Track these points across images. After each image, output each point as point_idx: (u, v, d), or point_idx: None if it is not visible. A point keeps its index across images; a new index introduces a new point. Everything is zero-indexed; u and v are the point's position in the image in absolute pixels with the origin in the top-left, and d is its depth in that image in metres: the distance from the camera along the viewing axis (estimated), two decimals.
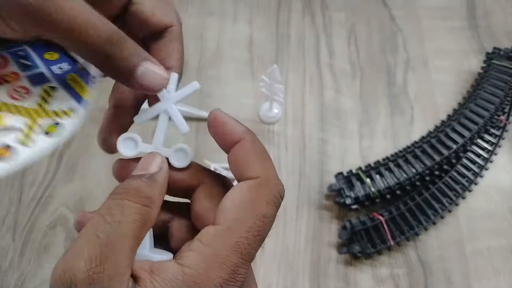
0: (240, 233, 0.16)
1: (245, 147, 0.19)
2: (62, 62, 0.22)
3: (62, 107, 0.21)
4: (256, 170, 0.18)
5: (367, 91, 0.56)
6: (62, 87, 0.22)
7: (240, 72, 0.57)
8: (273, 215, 0.18)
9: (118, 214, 0.16)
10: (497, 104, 0.50)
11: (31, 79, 0.22)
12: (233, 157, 0.19)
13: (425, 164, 0.47)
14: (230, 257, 0.16)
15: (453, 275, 0.46)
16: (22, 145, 0.19)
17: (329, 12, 0.61)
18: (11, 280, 0.45)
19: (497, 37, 0.59)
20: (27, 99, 0.21)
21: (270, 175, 0.18)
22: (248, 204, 0.17)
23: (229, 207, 0.17)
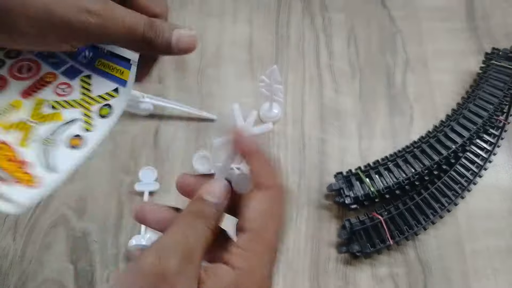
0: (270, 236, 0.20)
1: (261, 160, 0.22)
2: (83, 51, 0.24)
3: (105, 91, 0.24)
4: (269, 180, 0.21)
5: (367, 92, 0.56)
6: (95, 73, 0.24)
7: (240, 73, 0.57)
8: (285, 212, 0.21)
9: (200, 228, 0.20)
10: (496, 104, 0.50)
11: (66, 74, 0.24)
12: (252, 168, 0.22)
13: (424, 164, 0.47)
14: (265, 255, 0.20)
15: (452, 275, 0.46)
16: (87, 131, 0.22)
17: (328, 13, 0.61)
18: (12, 280, 0.45)
19: (496, 38, 0.59)
20: (72, 93, 0.23)
21: (281, 185, 0.21)
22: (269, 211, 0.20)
23: (255, 215, 0.20)
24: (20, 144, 0.21)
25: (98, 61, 0.24)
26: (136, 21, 0.21)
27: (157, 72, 0.57)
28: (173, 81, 0.56)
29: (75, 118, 0.23)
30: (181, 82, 0.56)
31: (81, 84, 0.24)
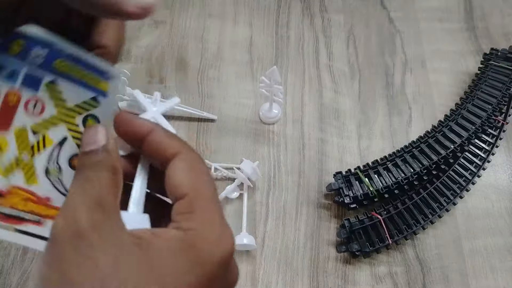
0: (206, 191, 0.19)
1: (156, 135, 0.20)
2: (33, 48, 0.20)
3: (81, 99, 0.21)
4: (175, 147, 0.20)
5: (366, 92, 0.56)
6: (60, 77, 0.20)
7: (240, 73, 0.57)
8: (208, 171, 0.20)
9: (96, 177, 0.18)
10: (495, 104, 0.50)
11: (27, 85, 0.20)
12: (149, 146, 0.20)
13: (423, 164, 0.47)
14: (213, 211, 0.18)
15: (451, 274, 0.46)
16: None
17: (328, 14, 0.61)
18: (13, 279, 0.45)
19: (495, 38, 0.60)
20: (46, 109, 0.20)
21: (187, 145, 0.20)
22: (193, 170, 0.19)
23: (182, 179, 0.19)
24: (29, 183, 0.20)
25: (59, 62, 0.20)
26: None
27: (158, 73, 0.57)
28: (174, 82, 0.56)
29: (64, 136, 0.21)
30: (182, 83, 0.56)
31: (49, 95, 0.21)
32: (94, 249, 0.16)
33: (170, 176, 0.19)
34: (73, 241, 0.16)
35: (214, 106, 0.55)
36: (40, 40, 0.20)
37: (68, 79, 0.21)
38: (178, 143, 0.20)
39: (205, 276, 0.17)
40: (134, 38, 0.59)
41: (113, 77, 0.22)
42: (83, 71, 0.21)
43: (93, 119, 0.21)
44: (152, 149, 0.20)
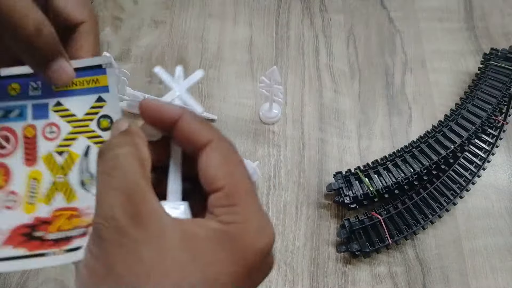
0: (244, 183, 0.18)
1: (188, 121, 0.19)
2: (28, 84, 0.22)
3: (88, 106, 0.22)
4: (207, 134, 0.19)
5: (366, 92, 0.56)
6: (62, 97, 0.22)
7: (241, 73, 0.57)
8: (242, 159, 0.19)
9: (119, 168, 0.17)
10: (495, 104, 0.50)
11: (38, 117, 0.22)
12: (179, 132, 0.19)
13: (423, 164, 0.47)
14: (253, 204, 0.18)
15: (451, 274, 0.46)
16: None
17: (328, 14, 0.61)
18: (13, 279, 0.45)
19: (495, 38, 0.60)
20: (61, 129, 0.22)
21: (219, 133, 0.19)
22: (227, 161, 0.19)
23: (215, 171, 0.18)
24: (69, 201, 0.21)
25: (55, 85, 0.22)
26: (34, 12, 0.19)
27: None
28: None
29: (86, 145, 0.22)
30: None
31: (59, 115, 0.22)
32: (137, 243, 0.16)
33: (204, 167, 0.18)
34: (116, 238, 0.16)
35: (214, 106, 0.55)
36: (29, 74, 0.22)
37: (69, 95, 0.22)
38: (209, 130, 0.19)
39: (247, 267, 0.17)
40: (134, 38, 0.59)
41: (108, 66, 0.22)
42: (79, 78, 0.22)
43: (105, 118, 0.22)
44: (182, 137, 0.19)
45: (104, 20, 0.61)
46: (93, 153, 0.22)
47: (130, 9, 0.62)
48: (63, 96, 0.22)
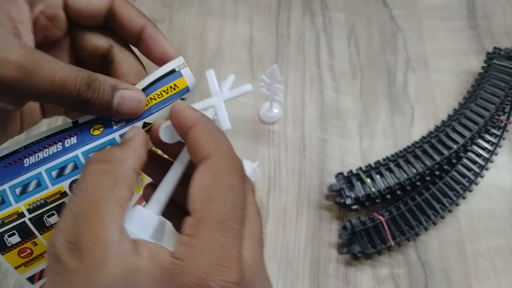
0: (217, 212, 0.16)
1: (196, 133, 0.18)
2: (109, 119, 0.21)
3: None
4: (207, 149, 0.18)
5: (367, 91, 0.56)
6: (148, 116, 0.22)
7: (240, 72, 0.57)
8: (240, 183, 0.18)
9: (83, 183, 0.17)
10: (498, 104, 0.50)
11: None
12: (188, 143, 0.18)
13: (425, 164, 0.47)
14: (216, 238, 0.16)
15: (454, 275, 0.46)
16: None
17: (329, 12, 0.61)
18: (10, 281, 0.45)
19: (497, 37, 0.59)
20: None
21: (224, 150, 0.18)
22: (212, 183, 0.17)
23: (197, 192, 0.17)
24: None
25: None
26: (69, 76, 0.19)
27: None
28: None
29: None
30: None
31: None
32: (71, 274, 0.15)
33: (191, 184, 0.17)
34: (54, 264, 0.16)
35: None
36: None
37: (152, 111, 0.21)
38: (213, 145, 0.18)
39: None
40: None
41: (182, 68, 0.22)
42: (156, 91, 0.22)
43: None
44: (189, 146, 0.18)
45: None
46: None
47: None
48: (147, 115, 0.21)
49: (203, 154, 0.18)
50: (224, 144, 0.18)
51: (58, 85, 0.18)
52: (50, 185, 0.20)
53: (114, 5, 0.21)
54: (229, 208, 0.16)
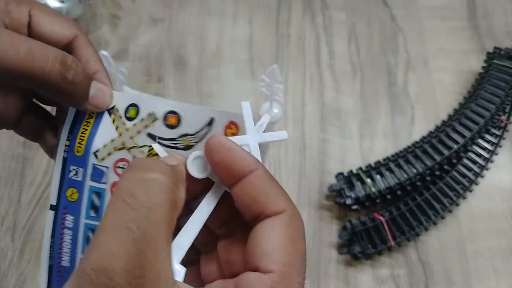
0: (294, 277, 0.15)
1: (262, 179, 0.16)
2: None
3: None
4: (281, 203, 0.16)
5: (368, 91, 0.56)
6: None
7: (240, 72, 0.56)
8: (305, 249, 0.17)
9: (144, 195, 0.14)
10: (498, 104, 0.50)
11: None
12: (245, 191, 0.16)
13: (425, 164, 0.47)
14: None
15: (454, 275, 0.46)
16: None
17: (329, 12, 0.61)
18: (10, 281, 0.45)
19: (498, 37, 0.59)
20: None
21: (294, 207, 0.17)
22: (290, 243, 0.16)
23: (273, 250, 0.15)
24: None
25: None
26: (39, 50, 0.17)
27: (157, 71, 0.56)
28: (173, 81, 0.56)
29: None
30: (181, 82, 0.56)
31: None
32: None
33: (261, 237, 0.16)
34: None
35: (213, 105, 0.54)
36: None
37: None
38: (283, 198, 0.16)
39: None
40: (132, 36, 0.58)
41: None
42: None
43: (133, 107, 0.23)
44: (246, 194, 0.16)
45: (102, 18, 0.60)
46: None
47: (128, 7, 0.61)
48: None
49: (274, 208, 0.16)
50: (291, 200, 0.17)
51: (27, 58, 0.17)
52: None
53: (76, 41, 0.21)
54: (301, 276, 0.16)
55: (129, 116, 0.22)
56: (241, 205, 0.17)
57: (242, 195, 0.17)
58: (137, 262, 0.12)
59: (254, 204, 0.16)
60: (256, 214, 0.16)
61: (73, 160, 0.23)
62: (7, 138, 0.50)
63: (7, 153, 0.51)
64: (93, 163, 0.23)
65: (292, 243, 0.16)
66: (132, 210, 0.13)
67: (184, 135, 0.22)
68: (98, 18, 0.60)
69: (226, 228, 0.19)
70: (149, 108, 0.22)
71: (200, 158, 0.18)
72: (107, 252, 0.13)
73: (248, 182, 0.16)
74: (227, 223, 0.19)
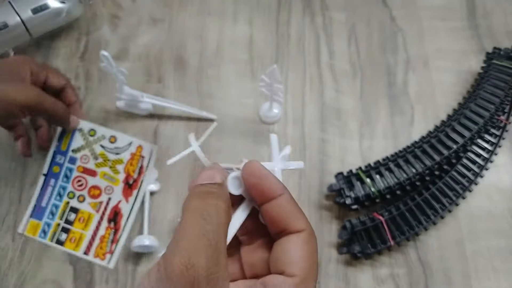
0: (310, 282, 0.20)
1: (288, 202, 0.21)
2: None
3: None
4: (302, 223, 0.21)
5: (368, 91, 0.56)
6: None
7: (240, 72, 0.57)
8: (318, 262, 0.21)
9: (215, 215, 0.19)
10: (497, 104, 0.50)
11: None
12: (275, 211, 0.21)
13: (425, 164, 0.47)
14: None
15: (454, 275, 0.46)
16: None
17: (329, 12, 0.61)
18: (10, 280, 0.45)
19: (497, 37, 0.59)
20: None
21: (311, 228, 0.21)
22: (309, 256, 0.20)
23: (296, 259, 0.20)
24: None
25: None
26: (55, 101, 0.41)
27: (157, 72, 0.56)
28: (173, 81, 0.56)
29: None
30: (181, 82, 0.56)
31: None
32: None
33: (287, 249, 0.20)
34: (184, 286, 0.16)
35: (213, 105, 0.54)
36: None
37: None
38: (304, 219, 0.21)
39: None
40: (132, 36, 0.59)
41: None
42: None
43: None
44: (274, 213, 0.21)
45: (102, 18, 0.60)
46: None
47: (128, 7, 0.61)
48: None
49: (297, 227, 0.20)
50: (309, 221, 0.21)
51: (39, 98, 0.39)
52: None
53: (66, 86, 0.46)
54: (315, 282, 0.20)
55: (90, 134, 0.47)
56: (269, 221, 0.21)
57: (271, 213, 0.21)
58: (213, 263, 0.17)
59: (281, 222, 0.21)
60: (281, 230, 0.21)
61: (59, 152, 0.47)
62: (7, 138, 0.50)
63: (7, 153, 0.51)
64: (70, 155, 0.47)
65: (310, 255, 0.20)
66: (208, 225, 0.18)
67: (117, 147, 0.47)
68: (98, 18, 0.60)
69: (249, 236, 0.23)
70: (101, 132, 0.47)
71: (237, 178, 0.22)
72: (195, 253, 0.17)
73: (277, 204, 0.21)
74: (250, 232, 0.22)
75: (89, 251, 0.45)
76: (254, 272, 0.22)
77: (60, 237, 0.46)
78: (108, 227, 0.46)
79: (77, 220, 0.46)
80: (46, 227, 0.46)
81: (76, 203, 0.47)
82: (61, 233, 0.46)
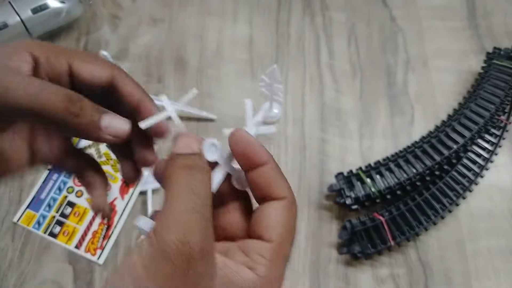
0: (288, 247, 0.20)
1: (273, 170, 0.21)
2: None
3: None
4: (285, 191, 0.21)
5: (368, 91, 0.56)
6: None
7: (240, 72, 0.56)
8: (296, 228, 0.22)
9: (203, 190, 0.19)
10: (498, 104, 0.50)
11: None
12: (260, 177, 0.21)
13: (425, 164, 0.47)
14: (283, 269, 0.20)
15: (454, 275, 0.46)
16: None
17: (329, 12, 0.61)
18: (10, 281, 0.45)
19: (497, 37, 0.59)
20: None
21: (293, 196, 0.21)
22: (287, 222, 0.20)
23: (275, 225, 0.20)
24: None
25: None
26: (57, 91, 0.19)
27: (157, 72, 0.56)
28: (173, 81, 0.56)
29: None
30: (181, 82, 0.56)
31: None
32: (198, 278, 0.17)
33: (267, 214, 0.20)
34: (184, 266, 0.16)
35: (213, 105, 0.54)
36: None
37: None
38: (287, 187, 0.21)
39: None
40: (133, 36, 0.59)
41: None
42: None
43: None
44: (257, 181, 0.21)
45: (102, 18, 0.60)
46: None
47: (128, 7, 0.61)
48: None
49: (279, 194, 0.21)
50: (291, 189, 0.21)
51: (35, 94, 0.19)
52: None
53: (115, 79, 0.23)
54: (291, 248, 0.21)
55: None
56: (254, 187, 0.21)
57: (257, 179, 0.21)
58: (205, 238, 0.17)
59: (265, 188, 0.21)
60: (264, 195, 0.21)
61: None
62: None
63: None
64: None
65: (288, 221, 0.21)
66: (198, 200, 0.18)
67: None
68: (98, 18, 0.60)
69: (220, 200, 0.23)
70: None
71: (212, 145, 0.22)
72: (189, 229, 0.17)
73: (264, 170, 0.21)
74: (222, 196, 0.23)
75: (80, 245, 0.46)
76: (225, 235, 0.22)
77: (54, 230, 0.46)
78: (102, 222, 0.46)
79: (72, 214, 0.47)
80: (41, 218, 0.47)
81: (73, 198, 0.48)
82: (55, 226, 0.47)
